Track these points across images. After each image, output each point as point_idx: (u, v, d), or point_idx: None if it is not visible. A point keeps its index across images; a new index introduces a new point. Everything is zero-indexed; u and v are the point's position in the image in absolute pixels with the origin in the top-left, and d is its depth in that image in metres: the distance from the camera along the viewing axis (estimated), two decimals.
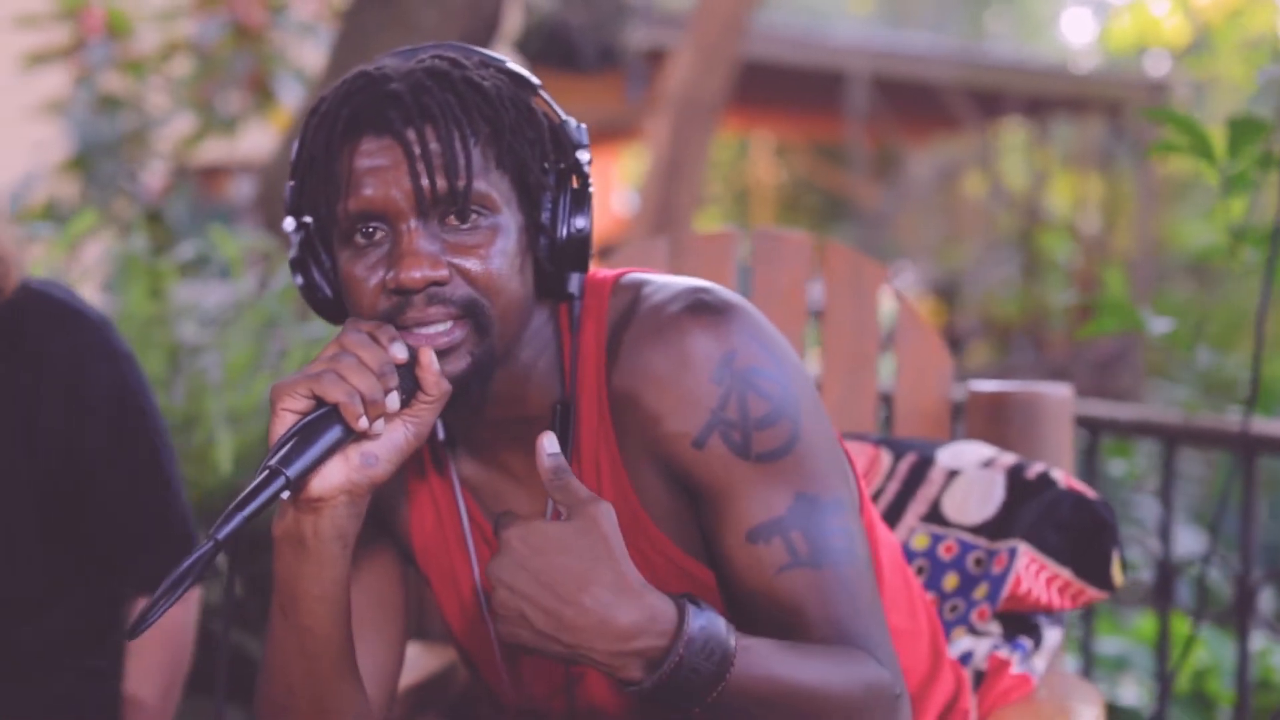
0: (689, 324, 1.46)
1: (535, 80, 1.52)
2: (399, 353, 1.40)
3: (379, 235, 1.43)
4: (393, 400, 1.39)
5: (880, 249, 14.55)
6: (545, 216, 1.49)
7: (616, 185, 15.88)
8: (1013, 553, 1.95)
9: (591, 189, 1.52)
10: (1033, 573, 1.95)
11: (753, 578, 1.47)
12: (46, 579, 2.02)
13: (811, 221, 18.51)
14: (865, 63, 13.15)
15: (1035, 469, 2.01)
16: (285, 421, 1.37)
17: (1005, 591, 1.94)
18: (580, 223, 1.50)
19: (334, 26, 4.81)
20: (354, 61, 4.56)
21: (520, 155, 1.46)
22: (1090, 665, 3.20)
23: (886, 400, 2.41)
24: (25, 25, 7.46)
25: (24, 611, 2.01)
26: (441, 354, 1.43)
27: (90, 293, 3.76)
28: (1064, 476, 2.00)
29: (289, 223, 1.52)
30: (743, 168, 19.49)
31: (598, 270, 1.59)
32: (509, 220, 1.46)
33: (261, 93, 6.71)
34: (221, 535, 1.31)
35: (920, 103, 13.72)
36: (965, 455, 2.06)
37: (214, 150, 7.85)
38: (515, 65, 1.55)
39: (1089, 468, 3.09)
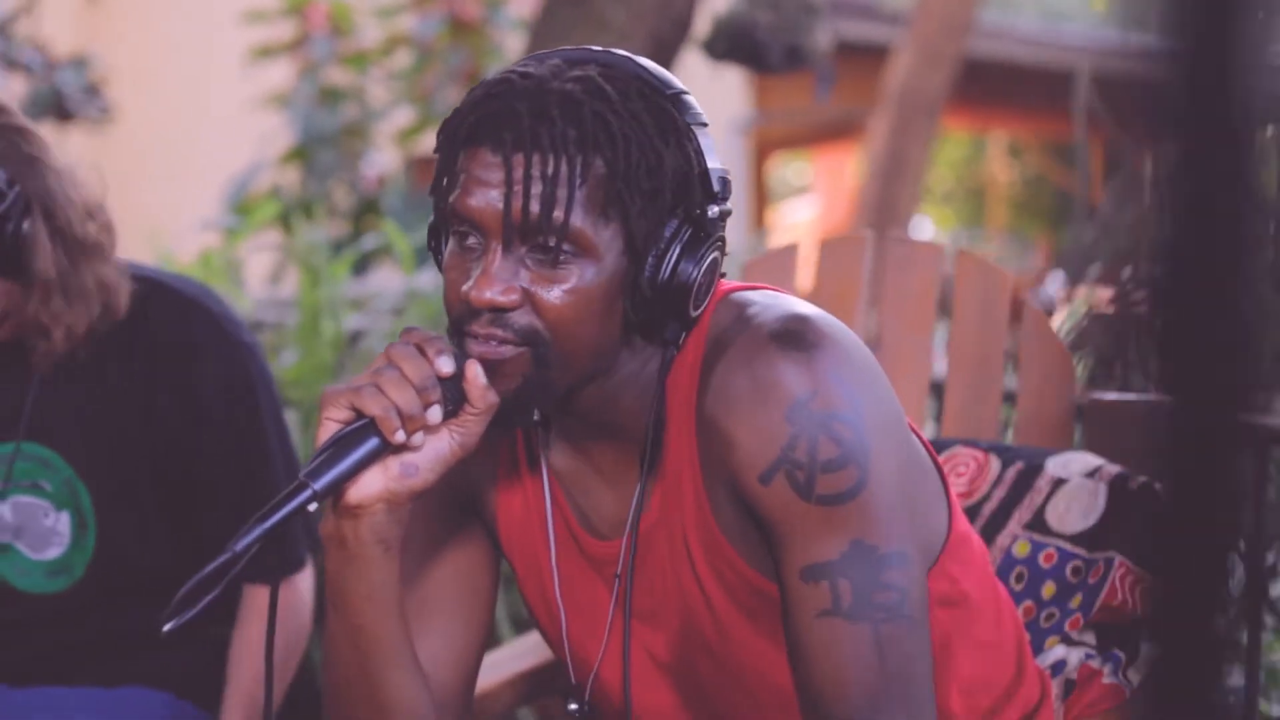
0: (776, 356, 1.46)
1: (693, 118, 1.50)
2: (445, 366, 1.42)
3: (475, 241, 1.47)
4: (434, 414, 1.42)
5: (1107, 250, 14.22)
6: (649, 265, 1.48)
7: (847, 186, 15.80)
8: (1109, 563, 1.95)
9: (714, 241, 1.50)
10: (1128, 585, 1.94)
11: (796, 616, 1.49)
12: (176, 555, 2.12)
13: (1044, 220, 18.22)
14: (1095, 61, 12.93)
15: (1139, 480, 2.00)
16: (328, 430, 1.42)
17: (1099, 602, 1.94)
18: (686, 272, 1.48)
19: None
20: None
21: (631, 204, 1.45)
22: (1256, 681, 3.12)
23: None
24: (253, 21, 7.74)
25: (159, 584, 2.12)
26: (492, 370, 1.45)
27: (258, 283, 3.91)
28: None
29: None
30: (978, 166, 19.26)
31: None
32: (604, 262, 1.46)
33: None
34: (240, 546, 1.36)
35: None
36: (1073, 464, 2.06)
37: (432, 142, 8.00)
38: (679, 100, 1.51)
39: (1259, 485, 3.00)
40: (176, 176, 12.53)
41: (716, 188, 1.50)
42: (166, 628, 1.36)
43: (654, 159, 1.46)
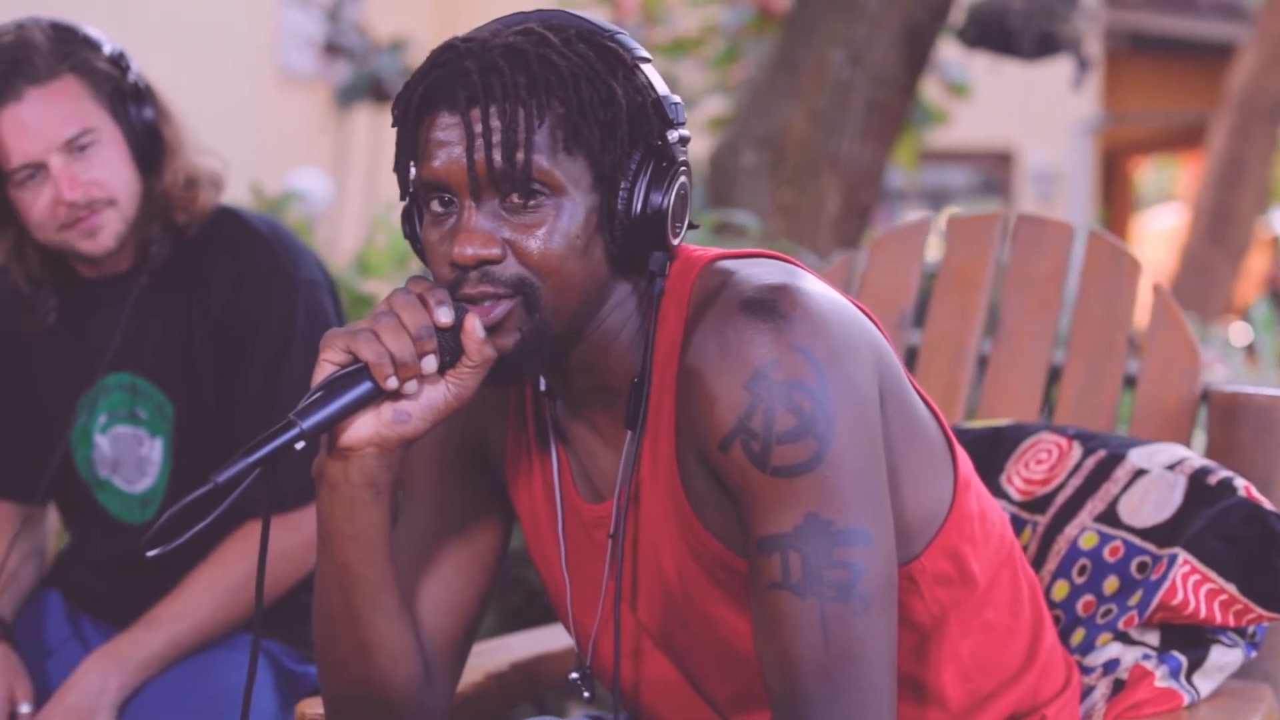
0: (744, 324, 1.45)
1: (635, 54, 1.52)
2: (443, 316, 1.44)
3: (448, 205, 1.48)
4: (429, 363, 1.44)
5: None
6: (621, 197, 1.49)
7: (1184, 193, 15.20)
8: (1172, 560, 1.83)
9: (679, 167, 1.51)
10: (1191, 584, 1.82)
11: (752, 587, 1.46)
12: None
13: None
14: None
15: (1219, 475, 1.88)
16: (324, 371, 1.44)
17: (1157, 600, 1.82)
18: (656, 201, 1.49)
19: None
20: (797, 45, 4.64)
21: (592, 137, 1.46)
22: None
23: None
24: (562, 7, 7.89)
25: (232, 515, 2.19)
26: (491, 329, 1.47)
27: None
28: (1245, 486, 1.86)
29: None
30: None
31: (694, 249, 1.59)
32: (576, 200, 1.47)
33: None
34: (222, 478, 1.40)
35: None
36: (1159, 455, 1.94)
37: None
38: (617, 39, 1.53)
39: None
40: None
41: (670, 114, 1.51)
42: (150, 553, 1.40)
43: (605, 92, 1.47)
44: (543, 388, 1.64)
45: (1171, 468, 1.92)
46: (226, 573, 2.16)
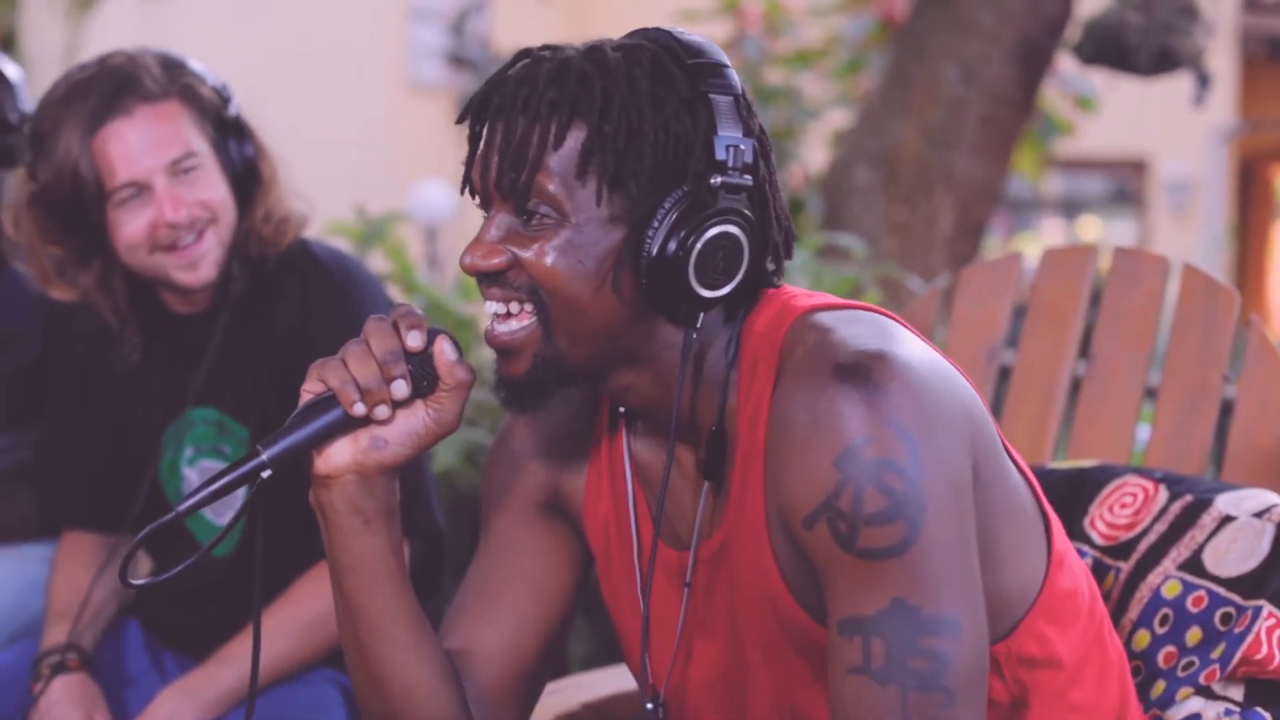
0: (836, 392, 1.38)
1: (704, 85, 1.45)
2: (412, 341, 1.45)
3: (484, 212, 1.49)
4: (398, 388, 1.44)
5: None
6: (648, 235, 1.44)
7: None
8: (1257, 612, 1.77)
9: (715, 215, 1.44)
10: (1276, 638, 1.75)
11: (832, 667, 1.41)
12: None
13: None
14: None
15: None
16: (303, 400, 1.46)
17: (1240, 654, 1.76)
18: (672, 247, 1.43)
19: None
20: (910, 61, 4.59)
21: (607, 167, 1.42)
22: None
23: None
24: (687, 20, 7.89)
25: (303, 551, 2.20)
26: (504, 353, 1.46)
27: None
28: None
29: None
30: None
31: (793, 294, 1.53)
32: (588, 229, 1.43)
33: None
34: (183, 508, 1.43)
35: None
36: (1247, 501, 1.88)
37: None
38: (695, 65, 1.46)
39: None
40: None
41: (720, 155, 1.44)
42: (137, 584, 1.46)
43: (634, 123, 1.42)
44: (622, 411, 1.60)
45: (1260, 515, 1.85)
46: (299, 612, 2.17)
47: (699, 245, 1.43)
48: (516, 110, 1.44)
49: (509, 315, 1.46)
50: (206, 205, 2.14)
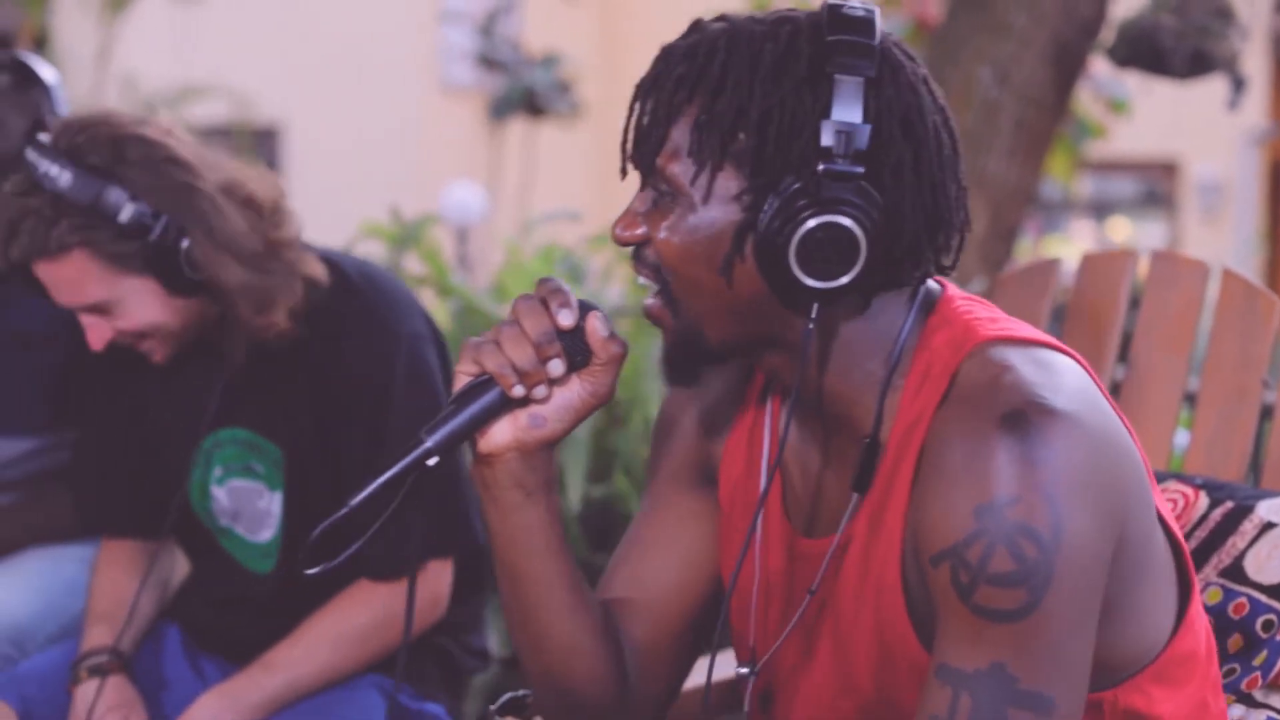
0: (996, 439, 1.34)
1: (833, 65, 1.39)
2: (564, 320, 1.45)
3: None
4: (554, 367, 1.44)
5: None
6: (759, 220, 1.41)
7: None
8: None
9: (810, 207, 1.39)
10: None
11: (920, 707, 1.39)
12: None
13: None
14: None
15: None
16: (459, 383, 1.47)
17: None
18: (769, 234, 1.40)
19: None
20: (944, 64, 4.58)
21: (713, 147, 1.41)
22: None
23: None
24: None
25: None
26: (654, 324, 1.48)
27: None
28: None
29: None
30: None
31: (978, 314, 1.48)
32: (704, 207, 1.42)
33: None
34: (355, 501, 1.45)
35: None
36: None
37: None
38: (836, 44, 1.40)
39: None
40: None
41: (827, 141, 1.39)
42: (310, 572, 1.46)
43: (744, 101, 1.40)
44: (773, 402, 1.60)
45: None
46: (345, 620, 2.17)
47: (797, 235, 1.39)
48: (651, 86, 1.44)
49: (653, 296, 1.48)
50: (129, 332, 2.10)
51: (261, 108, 11.32)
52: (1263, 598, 1.82)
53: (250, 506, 2.26)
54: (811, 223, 1.39)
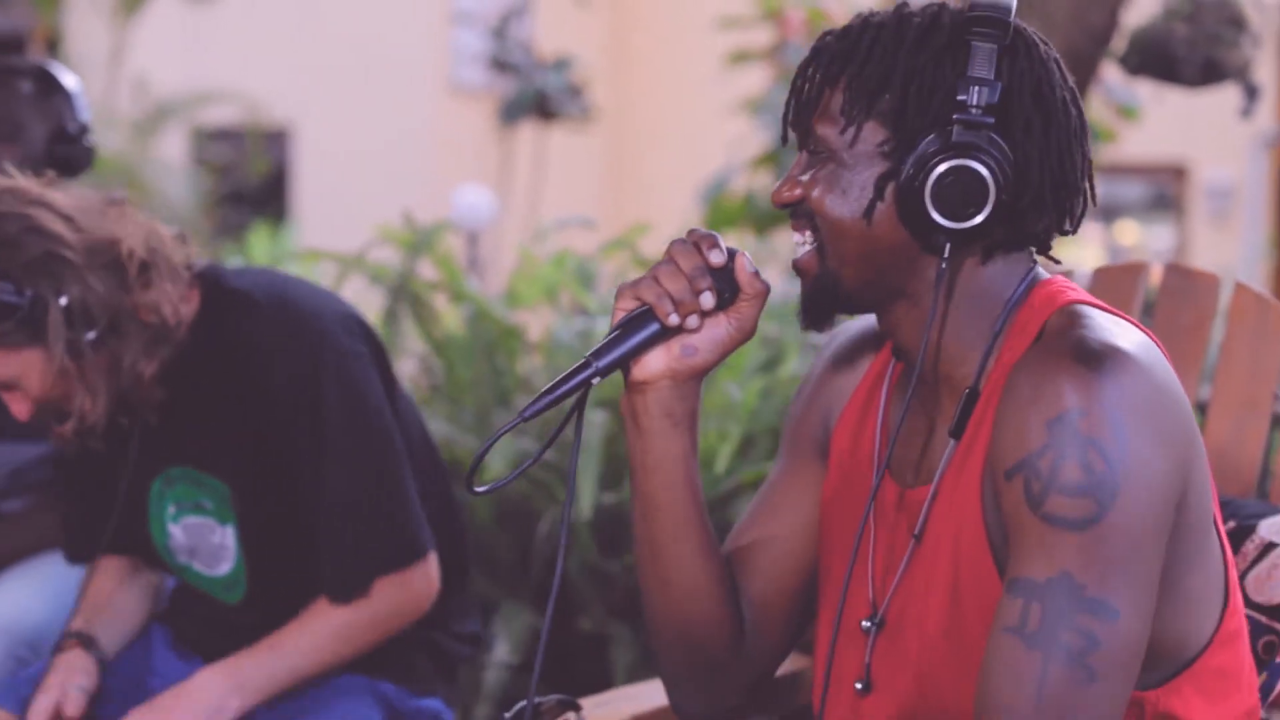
0: (1065, 367, 1.46)
1: (973, 32, 1.53)
2: (715, 258, 1.58)
3: None
4: (706, 299, 1.57)
5: None
6: (902, 165, 1.55)
7: None
8: None
9: (941, 153, 1.53)
10: None
11: (995, 622, 1.47)
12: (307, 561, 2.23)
13: None
14: None
15: None
16: (617, 318, 1.59)
17: None
18: (907, 179, 1.54)
19: None
20: None
21: (862, 109, 1.56)
22: None
23: None
24: (728, 26, 7.89)
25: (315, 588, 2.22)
26: (799, 275, 1.61)
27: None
28: None
29: None
30: None
31: (1068, 286, 1.61)
32: (853, 163, 1.56)
33: None
34: (529, 413, 1.54)
35: None
36: None
37: None
38: (976, 19, 1.55)
39: None
40: (654, 176, 12.91)
41: (961, 96, 1.52)
42: (479, 490, 1.57)
43: (885, 69, 1.55)
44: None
45: None
46: (354, 613, 2.19)
47: (932, 178, 1.53)
48: (810, 60, 1.60)
49: (801, 243, 1.61)
50: (45, 401, 2.12)
51: (272, 109, 11.35)
52: (1263, 619, 1.83)
53: (205, 542, 2.27)
54: (944, 166, 1.53)
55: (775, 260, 5.36)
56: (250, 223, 10.31)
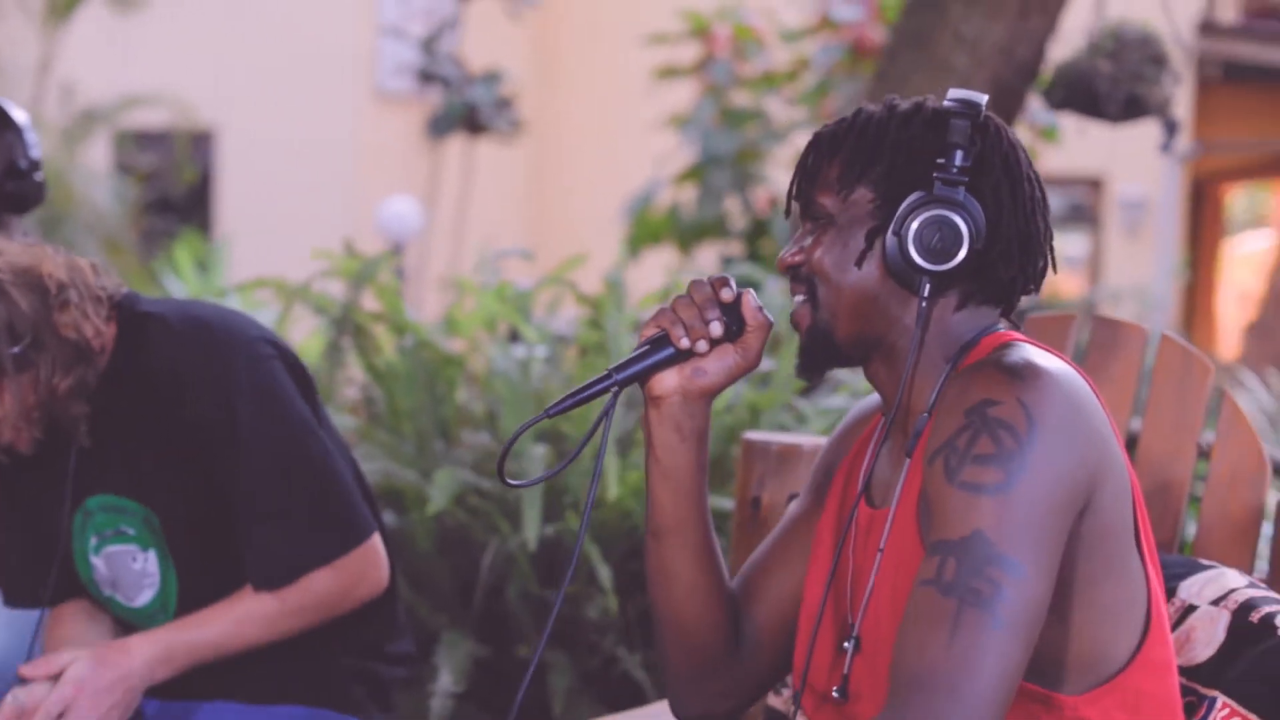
0: (986, 373, 1.65)
1: (959, 111, 1.73)
2: (725, 294, 1.79)
3: None
4: (714, 327, 1.77)
5: None
6: (893, 219, 1.73)
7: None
8: (1211, 703, 1.85)
9: (914, 211, 1.72)
10: None
11: (915, 579, 1.62)
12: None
13: None
14: None
15: (1263, 611, 1.89)
16: (640, 341, 1.81)
17: None
18: (896, 228, 1.72)
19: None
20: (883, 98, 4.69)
21: (855, 179, 1.74)
22: None
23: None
24: (656, 43, 7.96)
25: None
26: (795, 329, 1.79)
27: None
28: None
29: None
30: None
31: (1013, 334, 1.78)
32: (849, 227, 1.75)
33: None
34: (554, 411, 1.76)
35: None
36: (1206, 589, 1.95)
37: None
38: (955, 100, 1.76)
39: None
40: (578, 189, 12.93)
41: (947, 160, 1.72)
42: (514, 484, 1.83)
43: (877, 145, 1.75)
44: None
45: (1217, 602, 1.93)
46: (281, 602, 2.25)
47: (915, 223, 1.72)
48: (813, 143, 1.80)
49: (800, 301, 1.79)
50: None
51: (199, 112, 11.30)
52: (1183, 680, 1.86)
53: (126, 571, 2.31)
54: (925, 215, 1.72)
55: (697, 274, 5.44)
56: (176, 230, 10.25)
